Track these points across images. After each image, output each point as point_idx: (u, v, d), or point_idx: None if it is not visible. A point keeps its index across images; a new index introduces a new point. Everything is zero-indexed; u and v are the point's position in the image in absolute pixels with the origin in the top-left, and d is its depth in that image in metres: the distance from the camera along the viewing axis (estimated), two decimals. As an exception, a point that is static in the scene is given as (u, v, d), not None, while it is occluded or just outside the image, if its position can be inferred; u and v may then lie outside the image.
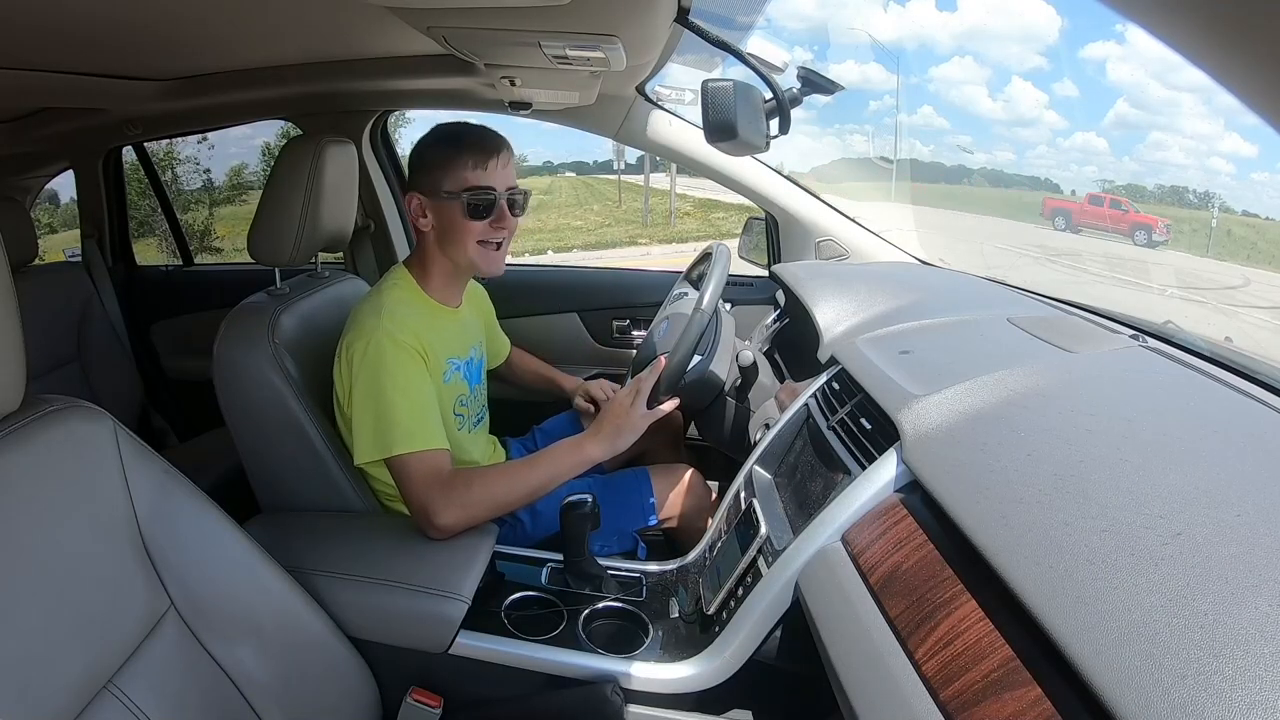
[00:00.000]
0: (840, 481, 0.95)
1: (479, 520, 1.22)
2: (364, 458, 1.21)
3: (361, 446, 1.21)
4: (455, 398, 1.36)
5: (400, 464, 1.19)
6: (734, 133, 1.02)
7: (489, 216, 1.28)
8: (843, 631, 0.77)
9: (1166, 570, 0.54)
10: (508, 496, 1.22)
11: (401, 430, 1.18)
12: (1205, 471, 0.66)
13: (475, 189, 1.26)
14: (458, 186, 1.26)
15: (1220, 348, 1.05)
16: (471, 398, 1.42)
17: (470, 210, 1.27)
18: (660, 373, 1.26)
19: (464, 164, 1.26)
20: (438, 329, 1.31)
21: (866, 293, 1.39)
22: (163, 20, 1.24)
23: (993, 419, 0.81)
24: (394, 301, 1.27)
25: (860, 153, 34.97)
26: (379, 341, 1.19)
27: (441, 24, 0.99)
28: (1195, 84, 25.45)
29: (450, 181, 1.26)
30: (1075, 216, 12.96)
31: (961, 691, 0.60)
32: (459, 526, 1.19)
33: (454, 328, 1.38)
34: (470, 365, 1.42)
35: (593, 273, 2.51)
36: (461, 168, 1.26)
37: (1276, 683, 0.44)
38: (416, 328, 1.24)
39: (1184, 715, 0.45)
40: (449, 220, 1.28)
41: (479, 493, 1.20)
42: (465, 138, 1.27)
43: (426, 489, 1.18)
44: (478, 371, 1.46)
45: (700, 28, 1.07)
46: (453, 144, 1.27)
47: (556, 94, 1.61)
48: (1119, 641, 0.50)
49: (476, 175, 1.26)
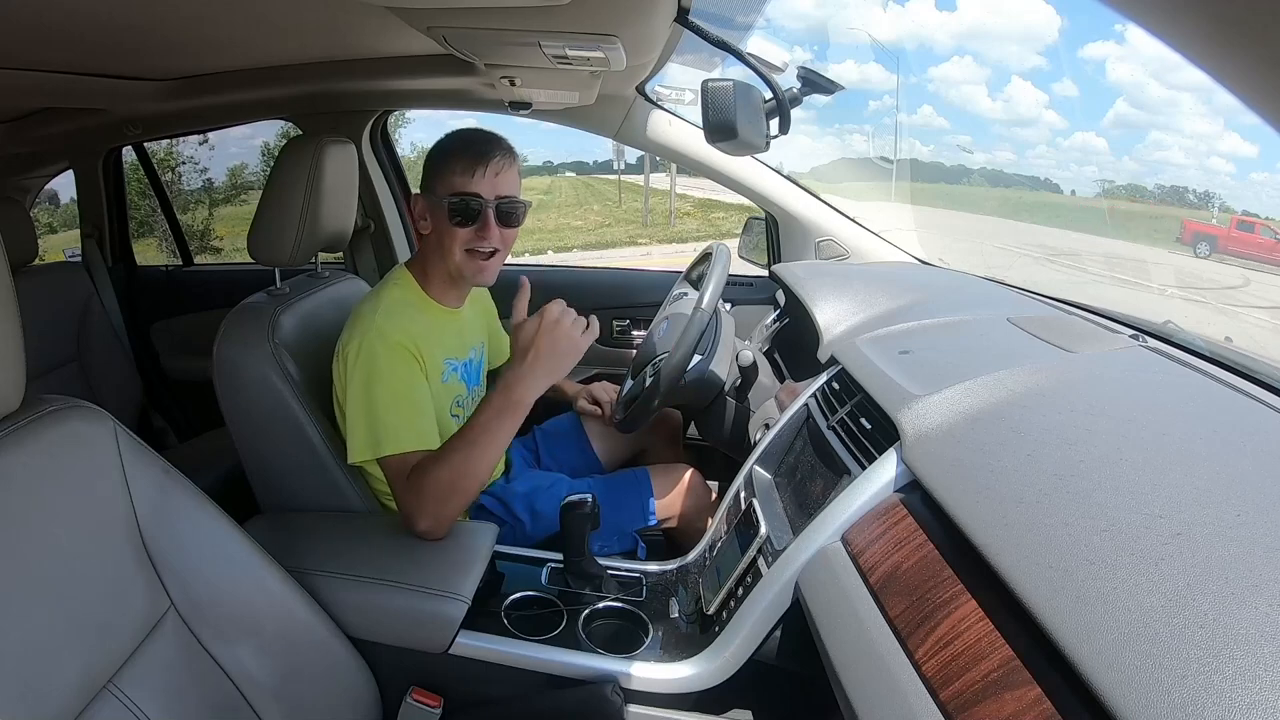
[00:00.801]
0: (840, 481, 0.95)
1: (456, 508, 1.17)
2: (356, 457, 1.21)
3: (354, 446, 1.21)
4: (452, 398, 1.36)
5: (388, 465, 1.20)
6: (734, 133, 1.02)
7: (474, 224, 1.25)
8: (843, 631, 0.77)
9: (1166, 570, 0.54)
10: (469, 467, 1.14)
11: (389, 431, 1.18)
12: (1205, 472, 0.66)
13: (459, 195, 1.24)
14: (445, 191, 1.25)
15: (1220, 347, 1.05)
16: (469, 398, 1.41)
17: (452, 215, 1.24)
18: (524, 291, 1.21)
19: (452, 169, 1.24)
20: (435, 329, 1.31)
21: (866, 293, 1.39)
22: (163, 20, 1.24)
23: (993, 419, 0.81)
24: (391, 301, 1.26)
25: (860, 152, 34.94)
26: (371, 342, 1.19)
27: (441, 24, 0.99)
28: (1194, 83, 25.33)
29: (441, 185, 1.25)
30: (1222, 243, 11.66)
31: (962, 691, 0.60)
32: (439, 523, 1.16)
33: (453, 329, 1.37)
34: (469, 366, 1.42)
35: (592, 272, 2.51)
36: (450, 172, 1.24)
37: (1276, 683, 0.44)
38: (411, 328, 1.24)
39: (1184, 715, 0.44)
40: (439, 224, 1.27)
41: (442, 474, 1.14)
42: (459, 142, 1.26)
43: (401, 489, 1.19)
44: (477, 373, 1.46)
45: (700, 28, 1.07)
46: (450, 147, 1.26)
47: (556, 94, 1.61)
48: (1119, 642, 0.50)
49: (463, 181, 1.24)
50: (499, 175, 1.25)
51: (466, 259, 1.27)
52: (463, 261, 1.27)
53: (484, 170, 1.24)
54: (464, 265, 1.28)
